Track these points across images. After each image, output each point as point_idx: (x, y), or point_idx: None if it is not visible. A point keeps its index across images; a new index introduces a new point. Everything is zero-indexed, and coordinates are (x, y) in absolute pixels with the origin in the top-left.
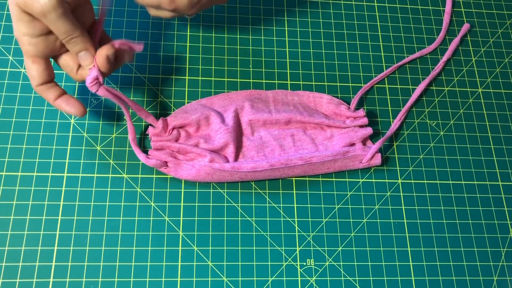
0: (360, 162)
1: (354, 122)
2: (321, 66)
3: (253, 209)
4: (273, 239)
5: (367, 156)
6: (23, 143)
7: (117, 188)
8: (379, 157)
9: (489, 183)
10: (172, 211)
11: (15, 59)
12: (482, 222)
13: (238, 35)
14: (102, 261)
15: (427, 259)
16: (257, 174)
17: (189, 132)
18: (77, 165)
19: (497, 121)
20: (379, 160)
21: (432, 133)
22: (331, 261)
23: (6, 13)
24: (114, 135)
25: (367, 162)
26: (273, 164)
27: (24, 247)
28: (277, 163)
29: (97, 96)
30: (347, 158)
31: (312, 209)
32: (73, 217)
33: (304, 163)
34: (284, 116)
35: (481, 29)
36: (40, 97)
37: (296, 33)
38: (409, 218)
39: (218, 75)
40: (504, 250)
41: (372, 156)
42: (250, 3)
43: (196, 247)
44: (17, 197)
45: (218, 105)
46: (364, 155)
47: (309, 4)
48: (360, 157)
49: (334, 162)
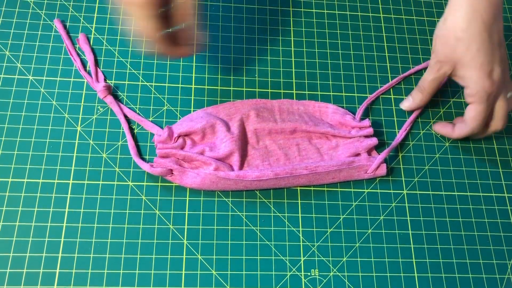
0: (365, 173)
1: (360, 132)
2: (327, 76)
3: (257, 218)
4: (278, 249)
5: (372, 167)
6: (30, 149)
7: (122, 195)
8: (384, 168)
9: (495, 195)
10: (176, 219)
11: (23, 66)
12: (488, 234)
13: (244, 44)
14: (106, 268)
15: (432, 270)
16: (261, 183)
17: (195, 140)
18: (82, 172)
19: (503, 132)
20: (384, 171)
21: (437, 144)
22: (335, 271)
23: (15, 21)
24: (120, 142)
25: (372, 172)
26: (278, 173)
27: (29, 254)
28: (282, 172)
29: (104, 104)
30: (352, 168)
31: (317, 219)
32: (78, 224)
33: (309, 172)
34: (290, 125)
35: None
36: (47, 104)
37: (301, 43)
38: (414, 229)
39: (224, 84)
40: (510, 262)
41: (377, 166)
42: (256, 13)
43: (200, 255)
44: (23, 204)
45: (223, 114)
46: (369, 165)
47: (315, 15)
48: (365, 167)
49: (339, 172)
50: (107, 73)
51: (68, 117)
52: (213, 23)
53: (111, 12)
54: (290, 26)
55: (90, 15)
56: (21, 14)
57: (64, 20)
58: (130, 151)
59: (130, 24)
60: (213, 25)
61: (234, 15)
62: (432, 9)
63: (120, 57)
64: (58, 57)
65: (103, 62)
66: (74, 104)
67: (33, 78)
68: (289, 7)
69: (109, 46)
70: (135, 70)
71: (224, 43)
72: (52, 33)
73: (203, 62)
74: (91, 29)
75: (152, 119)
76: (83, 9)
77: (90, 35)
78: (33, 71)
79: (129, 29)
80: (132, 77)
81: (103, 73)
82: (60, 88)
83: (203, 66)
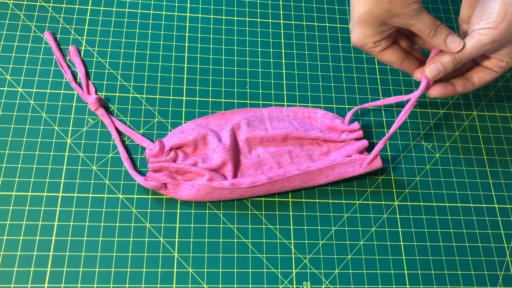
0: (361, 166)
1: (350, 136)
2: (318, 88)
3: (249, 231)
4: (269, 261)
5: (368, 158)
6: (19, 162)
7: (112, 208)
8: (379, 160)
9: (485, 206)
10: (167, 232)
11: (13, 78)
12: (479, 245)
13: (236, 56)
14: (96, 282)
15: (424, 282)
16: (256, 189)
17: (187, 152)
18: (72, 185)
19: (492, 144)
20: (379, 163)
21: (428, 155)
22: (327, 284)
23: (4, 33)
24: (110, 155)
25: (368, 165)
26: (272, 177)
27: (16, 268)
28: (275, 176)
29: (94, 116)
30: (346, 164)
31: (308, 230)
32: (67, 238)
33: (301, 172)
34: (281, 132)
35: None
36: (37, 116)
37: (292, 55)
38: (405, 241)
39: (215, 95)
40: (501, 273)
41: (372, 158)
42: (247, 26)
43: (192, 269)
44: (11, 217)
45: (214, 124)
46: (363, 159)
47: (305, 27)
48: (360, 161)
49: (333, 170)
50: (97, 85)
51: (58, 129)
52: (204, 35)
53: (102, 24)
54: (281, 39)
55: (81, 27)
56: (11, 26)
57: (54, 33)
58: (124, 163)
59: (121, 37)
60: (204, 37)
61: (225, 28)
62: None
63: (110, 69)
64: (48, 69)
65: (94, 74)
66: (64, 116)
67: (22, 90)
68: (279, 20)
69: (100, 58)
70: (125, 82)
71: (215, 55)
72: (42, 45)
73: (194, 74)
74: (82, 41)
75: (142, 131)
76: (74, 21)
77: (80, 47)
78: (22, 83)
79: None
80: (122, 89)
81: (94, 85)
82: (50, 100)
83: (194, 78)
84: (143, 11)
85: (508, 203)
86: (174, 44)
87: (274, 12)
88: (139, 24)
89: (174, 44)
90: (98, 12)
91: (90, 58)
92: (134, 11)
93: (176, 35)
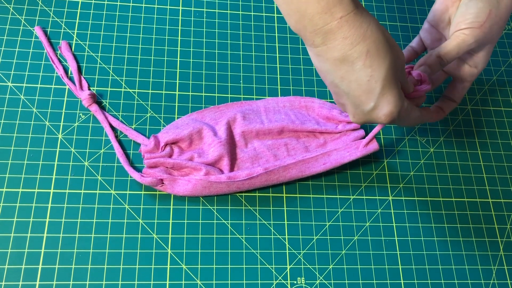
0: (357, 149)
1: (346, 127)
2: (312, 82)
3: (243, 226)
4: (263, 257)
5: (364, 140)
6: (9, 158)
7: (105, 204)
8: (376, 142)
9: (479, 200)
10: (160, 228)
11: (2, 72)
12: (473, 239)
13: (229, 50)
14: (88, 279)
15: (418, 277)
16: (253, 181)
17: (182, 147)
18: (64, 181)
19: (487, 138)
20: (376, 145)
21: (422, 150)
22: (322, 279)
23: None
24: (102, 150)
25: (364, 147)
26: (268, 167)
27: (7, 266)
28: (271, 167)
29: (86, 111)
30: (342, 149)
31: (302, 226)
32: (59, 234)
33: (297, 161)
34: (277, 125)
35: None
36: (27, 111)
37: (286, 49)
38: (400, 236)
39: (209, 90)
40: (495, 268)
41: (369, 140)
42: (240, 19)
43: (185, 265)
44: (1, 214)
45: (209, 118)
46: (359, 142)
47: None
48: (355, 145)
49: (329, 156)
50: (89, 80)
51: (49, 124)
52: (197, 29)
53: (93, 17)
54: (274, 32)
55: (72, 20)
56: (0, 19)
57: (44, 27)
58: (119, 159)
59: (112, 31)
60: (197, 31)
61: (218, 21)
62: (417, 15)
63: (102, 63)
64: (38, 64)
65: (85, 69)
66: (55, 112)
67: (12, 85)
68: (273, 13)
69: (91, 52)
70: (117, 77)
71: (209, 49)
72: (32, 39)
73: (187, 68)
74: (73, 34)
75: (135, 126)
76: (65, 14)
77: (71, 41)
78: (12, 77)
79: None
80: (114, 84)
81: (86, 80)
82: (41, 95)
83: (187, 72)
84: (135, 4)
85: (502, 198)
86: (167, 38)
87: (268, 5)
88: (131, 17)
89: (166, 38)
90: (89, 5)
91: (81, 52)
92: (126, 4)
93: (169, 29)
